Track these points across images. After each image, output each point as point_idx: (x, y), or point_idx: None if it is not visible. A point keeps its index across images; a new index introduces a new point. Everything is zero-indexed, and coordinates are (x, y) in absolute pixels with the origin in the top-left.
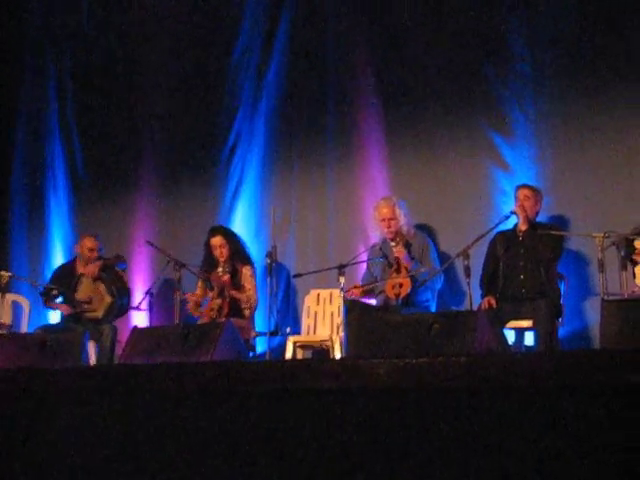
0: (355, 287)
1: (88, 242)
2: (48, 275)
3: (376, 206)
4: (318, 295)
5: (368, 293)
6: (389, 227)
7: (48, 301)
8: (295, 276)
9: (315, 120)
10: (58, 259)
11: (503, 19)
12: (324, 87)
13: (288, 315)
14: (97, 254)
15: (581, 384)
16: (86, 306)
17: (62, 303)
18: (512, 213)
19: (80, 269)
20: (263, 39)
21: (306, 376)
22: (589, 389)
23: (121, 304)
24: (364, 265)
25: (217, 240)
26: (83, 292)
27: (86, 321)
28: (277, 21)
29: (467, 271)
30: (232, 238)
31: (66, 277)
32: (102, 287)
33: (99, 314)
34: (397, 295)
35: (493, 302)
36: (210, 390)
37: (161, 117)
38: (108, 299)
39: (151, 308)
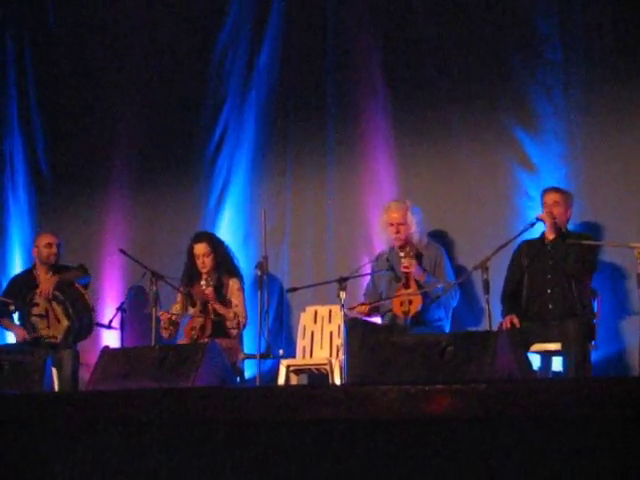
0: (357, 306)
1: (44, 238)
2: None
3: (386, 208)
4: (315, 312)
5: (373, 311)
6: (397, 232)
7: (2, 318)
8: (289, 290)
9: (313, 113)
10: (17, 267)
11: None
12: (323, 76)
13: (281, 335)
14: (56, 250)
15: (616, 415)
16: (44, 322)
17: (17, 324)
18: (538, 220)
19: (40, 274)
20: (254, 21)
21: (302, 405)
22: (625, 421)
23: (80, 325)
24: (368, 278)
25: (201, 248)
26: (41, 309)
27: (44, 344)
28: (270, 1)
29: (486, 286)
30: (218, 246)
31: (22, 289)
32: (58, 309)
33: (57, 337)
34: (406, 313)
35: (516, 321)
36: (191, 421)
37: (137, 109)
38: (65, 322)
39: (123, 326)
